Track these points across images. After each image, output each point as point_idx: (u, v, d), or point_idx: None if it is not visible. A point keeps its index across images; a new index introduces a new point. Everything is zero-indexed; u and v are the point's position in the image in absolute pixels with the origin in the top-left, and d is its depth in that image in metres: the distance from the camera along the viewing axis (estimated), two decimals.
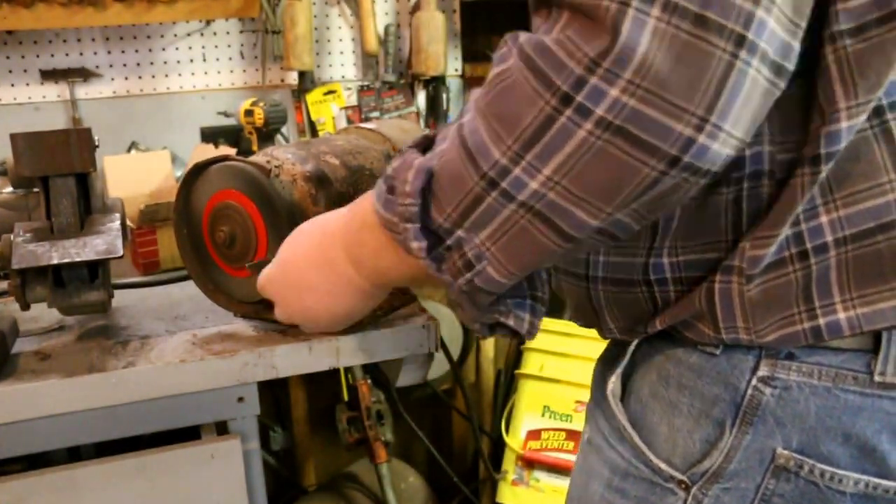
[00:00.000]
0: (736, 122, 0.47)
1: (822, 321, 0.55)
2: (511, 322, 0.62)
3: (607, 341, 0.71)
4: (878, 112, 0.54)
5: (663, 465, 0.62)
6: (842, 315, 0.55)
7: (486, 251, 0.54)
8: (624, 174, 0.48)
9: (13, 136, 0.89)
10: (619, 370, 0.66)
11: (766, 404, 0.57)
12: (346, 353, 0.96)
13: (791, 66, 0.49)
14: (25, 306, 0.92)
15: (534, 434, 1.75)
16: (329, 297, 0.74)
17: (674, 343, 0.61)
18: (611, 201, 0.49)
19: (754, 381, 0.57)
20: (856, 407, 0.55)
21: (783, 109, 0.53)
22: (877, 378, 0.55)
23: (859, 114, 0.52)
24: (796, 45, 0.48)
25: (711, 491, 0.60)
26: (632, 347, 0.65)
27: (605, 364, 0.69)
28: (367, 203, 0.65)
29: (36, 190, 1.10)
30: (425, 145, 0.59)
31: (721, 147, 0.48)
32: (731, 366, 0.58)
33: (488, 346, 1.92)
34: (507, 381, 1.92)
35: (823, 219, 0.55)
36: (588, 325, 0.69)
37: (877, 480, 0.56)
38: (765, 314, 0.56)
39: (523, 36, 0.50)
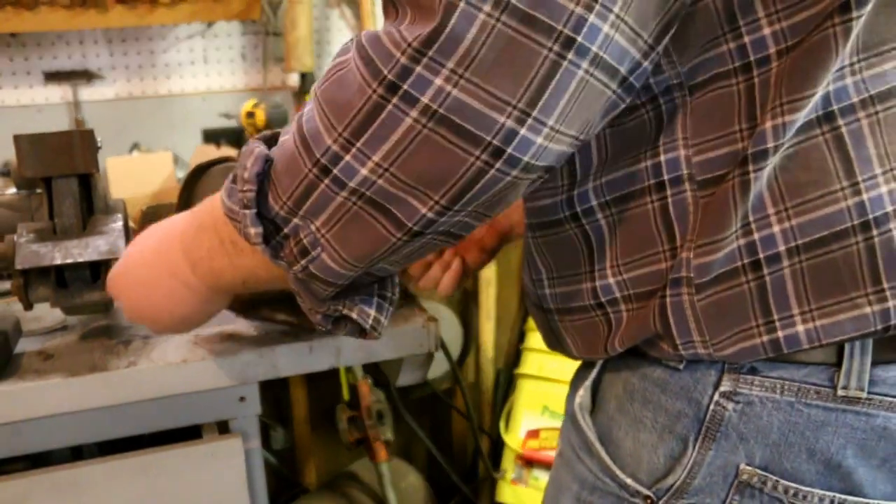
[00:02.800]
0: (563, 119, 0.47)
1: (780, 334, 0.54)
2: (355, 315, 0.61)
3: None
4: (829, 118, 0.52)
5: (629, 480, 0.61)
6: (800, 328, 0.53)
7: (321, 238, 0.54)
8: (450, 163, 0.48)
9: (16, 138, 0.90)
10: (587, 383, 0.65)
11: (729, 420, 0.56)
12: (346, 353, 0.97)
13: (627, 72, 0.48)
14: (28, 306, 0.93)
15: (533, 433, 1.75)
16: (167, 298, 0.72)
17: (640, 357, 0.61)
18: (438, 190, 0.49)
19: (716, 397, 0.57)
20: (819, 422, 0.55)
21: (696, 113, 0.54)
22: (840, 392, 0.54)
23: (784, 113, 0.51)
24: (635, 53, 0.48)
25: None
26: (601, 361, 0.65)
27: (577, 377, 0.69)
28: (206, 205, 0.66)
29: (39, 191, 1.10)
30: (273, 137, 0.59)
31: (546, 141, 0.48)
32: (693, 381, 0.58)
33: (488, 345, 1.92)
34: (507, 381, 1.92)
35: (776, 228, 0.53)
36: (554, 349, 0.69)
37: (843, 496, 0.55)
38: (720, 327, 0.55)
39: (365, 31, 0.51)
